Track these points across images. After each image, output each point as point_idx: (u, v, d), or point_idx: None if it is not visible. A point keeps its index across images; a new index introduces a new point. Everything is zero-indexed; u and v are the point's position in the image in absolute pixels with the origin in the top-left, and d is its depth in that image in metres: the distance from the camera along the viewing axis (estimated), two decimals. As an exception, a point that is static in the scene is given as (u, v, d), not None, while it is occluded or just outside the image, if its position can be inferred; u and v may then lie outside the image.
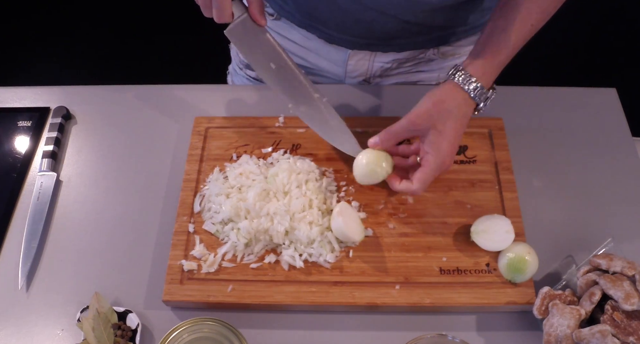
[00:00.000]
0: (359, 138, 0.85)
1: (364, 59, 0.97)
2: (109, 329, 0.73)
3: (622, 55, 2.13)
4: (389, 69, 1.00)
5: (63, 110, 0.96)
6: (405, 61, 0.98)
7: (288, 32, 0.99)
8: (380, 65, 0.98)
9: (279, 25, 0.99)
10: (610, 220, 0.84)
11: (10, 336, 0.76)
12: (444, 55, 0.98)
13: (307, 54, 1.01)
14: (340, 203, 0.80)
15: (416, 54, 0.97)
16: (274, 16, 0.98)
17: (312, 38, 0.97)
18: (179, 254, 0.79)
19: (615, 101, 0.96)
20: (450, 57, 0.99)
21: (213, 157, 0.89)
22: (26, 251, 0.82)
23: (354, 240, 0.78)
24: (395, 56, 0.97)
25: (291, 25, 0.98)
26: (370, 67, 0.99)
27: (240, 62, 1.10)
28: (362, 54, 0.96)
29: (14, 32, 2.27)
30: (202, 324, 0.69)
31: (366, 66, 0.99)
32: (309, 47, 0.99)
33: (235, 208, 0.79)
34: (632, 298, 0.68)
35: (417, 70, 1.01)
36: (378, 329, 0.76)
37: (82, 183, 0.90)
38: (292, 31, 0.98)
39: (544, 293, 0.72)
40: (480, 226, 0.78)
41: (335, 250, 0.79)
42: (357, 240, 0.78)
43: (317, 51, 0.99)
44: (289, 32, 0.99)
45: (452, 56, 0.99)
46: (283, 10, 0.96)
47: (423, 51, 0.97)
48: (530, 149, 0.90)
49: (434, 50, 0.97)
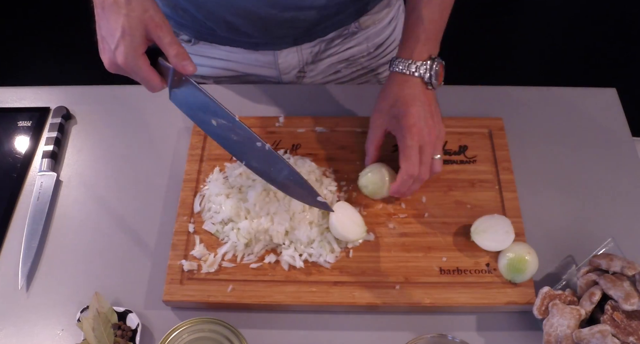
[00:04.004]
0: (359, 138, 0.85)
1: (291, 53, 0.98)
2: (109, 329, 0.73)
3: (622, 55, 2.13)
4: (318, 52, 1.00)
5: (63, 110, 0.95)
6: (330, 40, 0.99)
7: (210, 52, 0.99)
8: (309, 51, 0.99)
9: (198, 49, 0.99)
10: (610, 220, 0.84)
11: (10, 336, 0.76)
12: (364, 25, 0.99)
13: (237, 66, 1.00)
14: (339, 202, 0.80)
15: (340, 32, 0.98)
16: (192, 42, 0.98)
17: (237, 50, 0.97)
18: (179, 254, 0.79)
19: (615, 101, 0.96)
20: (372, 25, 1.01)
21: (213, 157, 0.89)
22: (26, 251, 0.82)
23: (351, 239, 0.78)
24: (320, 39, 0.98)
25: (211, 45, 0.97)
26: (300, 57, 0.99)
27: None
28: (289, 49, 0.97)
29: (14, 32, 2.27)
30: (202, 324, 0.69)
31: (296, 58, 0.99)
32: (236, 59, 0.99)
33: (235, 208, 0.79)
34: (632, 298, 0.68)
35: (345, 48, 1.02)
36: (378, 329, 0.76)
37: (82, 183, 0.90)
38: (214, 50, 0.98)
39: (544, 293, 0.72)
40: (480, 226, 0.78)
41: (335, 250, 0.79)
42: (354, 239, 0.78)
43: (244, 61, 0.99)
44: (211, 52, 0.99)
45: (372, 23, 1.00)
46: (200, 33, 0.95)
47: (346, 27, 0.98)
48: (530, 149, 0.90)
49: (355, 23, 0.98)
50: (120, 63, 0.65)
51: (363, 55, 1.05)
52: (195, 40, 0.98)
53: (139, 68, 0.65)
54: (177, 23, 0.95)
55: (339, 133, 0.90)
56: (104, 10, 0.65)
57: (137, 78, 0.68)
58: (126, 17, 0.63)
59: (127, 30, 0.63)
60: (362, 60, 1.05)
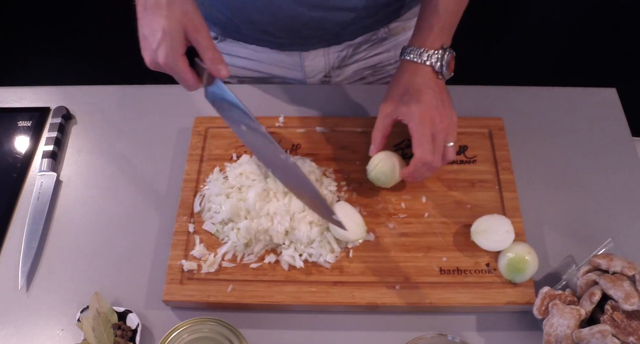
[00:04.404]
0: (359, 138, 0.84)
1: (318, 56, 0.97)
2: (109, 329, 0.73)
3: (622, 55, 2.13)
4: (345, 57, 0.99)
5: (63, 110, 0.95)
6: (358, 46, 0.98)
7: (236, 50, 0.98)
8: (336, 56, 0.98)
9: (225, 47, 0.98)
10: (610, 220, 0.84)
11: (10, 336, 0.76)
12: (394, 32, 0.98)
13: (262, 66, 1.00)
14: (339, 202, 0.80)
15: (368, 37, 0.97)
16: (218, 39, 0.97)
17: (263, 50, 0.96)
18: (179, 254, 0.79)
19: (615, 101, 0.96)
20: (402, 32, 1.00)
21: (213, 157, 0.89)
22: (26, 251, 0.82)
23: (351, 239, 0.78)
24: (348, 43, 0.97)
25: (238, 43, 0.97)
26: (327, 61, 0.99)
27: None
28: (316, 51, 0.96)
29: (14, 32, 2.27)
30: (202, 324, 0.69)
31: (323, 62, 0.99)
32: (262, 59, 0.99)
33: (235, 208, 0.79)
34: (632, 298, 0.68)
35: (373, 54, 1.01)
36: (378, 329, 0.76)
37: (82, 183, 0.90)
38: (240, 49, 0.98)
39: (544, 293, 0.72)
40: (480, 226, 0.78)
41: (335, 250, 0.79)
42: (353, 238, 0.78)
43: (270, 61, 0.99)
44: (237, 50, 0.98)
45: (402, 30, 0.99)
46: (227, 31, 0.95)
47: (374, 33, 0.97)
48: (530, 149, 0.90)
49: (385, 29, 0.97)
50: (161, 63, 0.67)
51: (390, 63, 1.03)
52: (222, 37, 0.97)
53: (178, 69, 0.68)
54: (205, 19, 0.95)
55: (339, 133, 0.90)
56: (145, 11, 0.67)
57: (175, 77, 0.70)
58: (167, 19, 0.65)
59: (167, 32, 0.65)
60: (389, 68, 1.04)
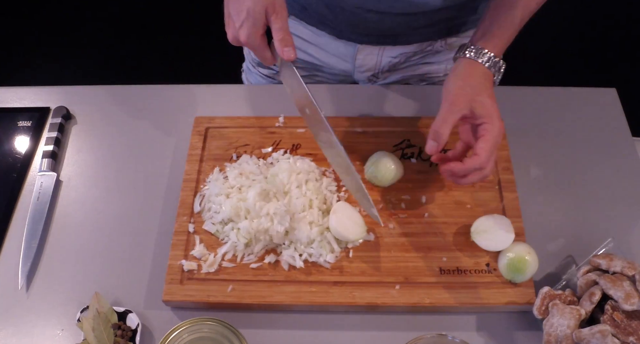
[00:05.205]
0: (359, 137, 0.84)
1: (372, 54, 0.98)
2: (109, 329, 0.73)
3: (622, 55, 2.13)
4: (397, 63, 1.00)
5: (63, 110, 0.96)
6: (412, 54, 0.99)
7: (296, 29, 0.99)
8: (388, 60, 0.99)
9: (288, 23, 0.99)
10: (610, 220, 0.84)
11: (10, 336, 0.76)
12: (451, 47, 0.98)
13: (316, 51, 1.01)
14: (339, 202, 0.80)
15: (424, 46, 0.97)
16: None
17: (322, 34, 0.98)
18: (179, 254, 0.79)
19: (615, 101, 0.96)
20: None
21: (213, 157, 0.89)
22: (26, 251, 0.82)
23: (350, 239, 0.78)
24: (403, 49, 0.97)
25: (300, 22, 0.98)
26: (378, 61, 0.99)
27: (252, 60, 1.11)
28: (371, 48, 0.97)
29: (14, 32, 2.27)
30: (202, 324, 0.69)
31: (374, 61, 0.99)
32: (318, 43, 1.00)
33: (235, 208, 0.79)
34: (632, 298, 0.68)
35: (424, 62, 1.01)
36: (378, 329, 0.76)
37: (82, 183, 0.90)
38: (301, 28, 0.99)
39: (544, 293, 0.72)
40: (481, 227, 0.78)
41: (335, 250, 0.79)
42: (353, 238, 0.78)
43: (325, 47, 1.00)
44: (297, 29, 0.99)
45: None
46: (293, 7, 0.96)
47: (431, 43, 0.97)
48: (530, 149, 0.90)
49: (442, 41, 0.97)
50: (242, 40, 0.73)
51: (439, 76, 1.03)
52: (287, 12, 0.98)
53: (257, 46, 0.73)
54: None
55: (339, 133, 0.90)
56: None
57: (255, 53, 0.75)
58: (252, 1, 0.70)
59: (251, 13, 0.70)
60: (435, 79, 1.04)
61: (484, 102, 0.74)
